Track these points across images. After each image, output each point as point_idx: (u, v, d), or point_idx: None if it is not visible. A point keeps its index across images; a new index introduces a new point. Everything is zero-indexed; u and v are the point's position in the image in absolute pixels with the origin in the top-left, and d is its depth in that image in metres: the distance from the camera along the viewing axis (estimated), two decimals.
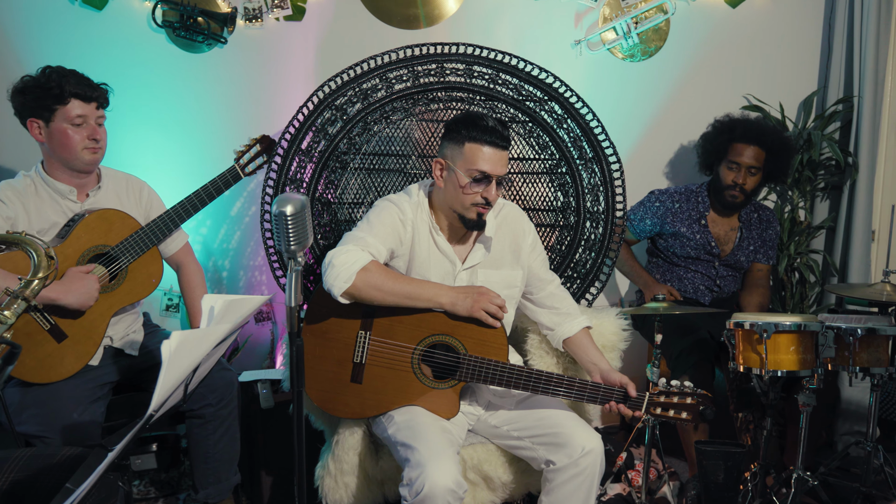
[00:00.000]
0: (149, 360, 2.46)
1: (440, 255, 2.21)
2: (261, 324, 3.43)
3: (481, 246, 2.24)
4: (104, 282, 2.32)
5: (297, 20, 3.29)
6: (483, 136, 2.09)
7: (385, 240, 2.13)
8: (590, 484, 2.00)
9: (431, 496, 1.81)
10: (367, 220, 2.17)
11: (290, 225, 1.42)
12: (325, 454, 2.27)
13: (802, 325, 2.34)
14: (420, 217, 2.21)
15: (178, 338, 1.14)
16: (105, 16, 3.17)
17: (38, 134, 2.32)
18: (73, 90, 2.28)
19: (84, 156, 2.33)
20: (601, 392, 2.11)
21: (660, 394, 2.11)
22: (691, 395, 2.11)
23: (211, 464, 2.45)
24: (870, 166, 3.47)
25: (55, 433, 2.10)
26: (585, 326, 2.31)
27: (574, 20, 3.47)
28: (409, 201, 2.22)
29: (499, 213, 2.30)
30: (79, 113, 2.29)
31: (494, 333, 2.12)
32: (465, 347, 2.12)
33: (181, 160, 3.25)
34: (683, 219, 3.17)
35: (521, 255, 2.30)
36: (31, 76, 2.31)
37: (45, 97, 2.27)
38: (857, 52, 3.46)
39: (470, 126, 2.11)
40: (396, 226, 2.17)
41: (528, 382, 2.09)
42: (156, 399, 1.18)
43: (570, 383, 2.09)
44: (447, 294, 2.08)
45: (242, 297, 1.42)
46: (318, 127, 2.70)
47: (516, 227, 2.31)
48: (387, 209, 2.19)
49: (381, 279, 2.03)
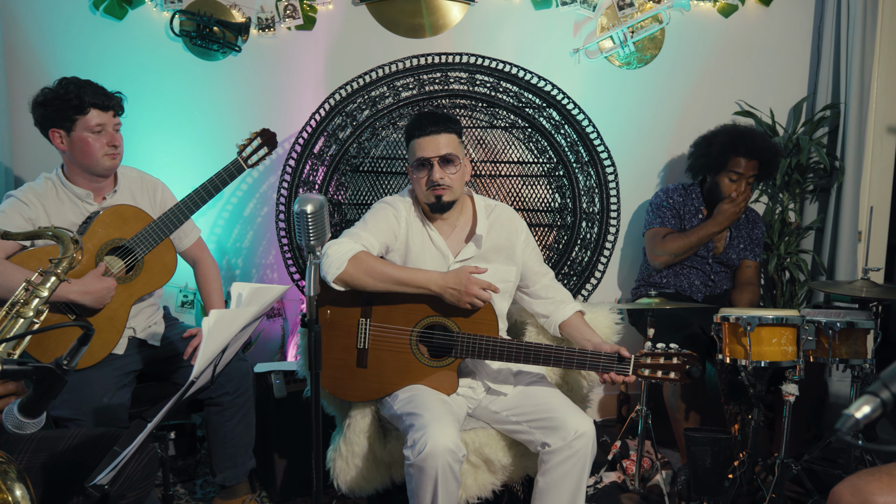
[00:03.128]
0: (170, 351, 2.60)
1: (434, 249, 2.38)
2: (272, 320, 3.57)
3: (472, 244, 2.39)
4: (121, 273, 2.47)
5: (307, 29, 3.42)
6: (415, 131, 2.32)
7: (378, 235, 2.31)
8: (583, 465, 2.14)
9: (433, 454, 1.96)
10: (363, 219, 2.37)
11: (310, 222, 1.57)
12: (336, 438, 2.42)
13: (784, 318, 2.48)
14: (413, 214, 2.40)
15: (215, 315, 1.30)
16: (125, 25, 3.31)
17: (60, 143, 2.45)
18: (92, 100, 2.41)
19: (104, 161, 2.46)
20: (588, 358, 2.23)
21: (646, 356, 2.23)
22: (676, 356, 2.22)
23: (228, 449, 2.60)
24: (856, 170, 3.60)
25: (87, 416, 2.25)
26: (578, 310, 2.45)
27: (573, 29, 3.59)
28: (402, 201, 2.41)
29: (490, 213, 2.45)
30: (98, 122, 2.43)
31: (485, 311, 2.27)
32: (459, 326, 2.28)
33: (197, 162, 3.37)
34: (684, 213, 3.31)
35: (516, 253, 2.44)
36: (51, 88, 2.43)
37: (66, 108, 2.39)
38: (844, 60, 3.58)
39: (409, 128, 2.37)
40: (391, 222, 2.35)
41: (520, 354, 2.24)
42: (196, 368, 1.34)
43: (558, 351, 2.23)
44: (436, 282, 2.22)
45: (266, 286, 1.58)
46: (329, 132, 2.85)
47: (509, 227, 2.45)
48: (382, 209, 2.39)
49: (371, 266, 2.21)
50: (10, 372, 1.13)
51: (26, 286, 1.65)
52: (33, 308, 1.62)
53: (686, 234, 3.22)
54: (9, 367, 1.13)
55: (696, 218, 3.30)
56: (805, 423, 3.19)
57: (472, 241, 2.39)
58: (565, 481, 2.14)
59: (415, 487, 2.05)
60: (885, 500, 1.47)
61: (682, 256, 3.24)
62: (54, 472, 1.69)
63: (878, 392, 0.89)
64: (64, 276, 1.71)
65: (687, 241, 3.19)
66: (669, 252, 3.20)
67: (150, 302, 2.64)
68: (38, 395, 1.22)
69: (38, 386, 1.21)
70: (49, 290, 1.65)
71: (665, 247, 3.20)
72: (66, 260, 1.72)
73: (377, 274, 2.21)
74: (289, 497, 2.84)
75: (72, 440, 1.75)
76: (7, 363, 1.14)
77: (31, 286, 1.65)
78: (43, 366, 1.16)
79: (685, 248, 3.21)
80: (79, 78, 2.46)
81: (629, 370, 2.22)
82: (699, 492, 2.61)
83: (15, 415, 1.25)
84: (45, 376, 1.18)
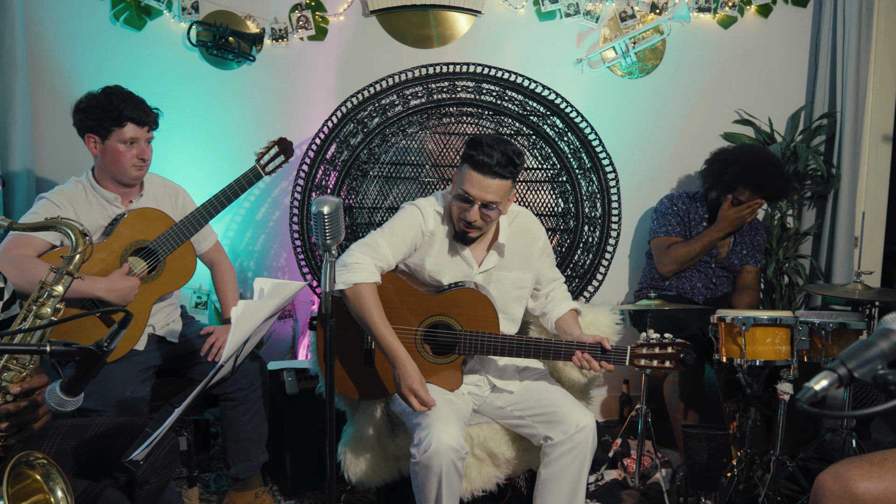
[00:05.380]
0: (188, 347, 2.71)
1: (459, 259, 2.42)
2: (283, 321, 3.66)
3: (495, 252, 2.45)
4: (143, 273, 2.58)
5: (319, 40, 3.53)
6: (476, 162, 2.20)
7: (397, 250, 2.34)
8: (583, 457, 2.23)
9: (437, 452, 2.06)
10: (391, 227, 2.37)
11: (326, 222, 1.68)
12: (346, 432, 2.52)
13: (778, 319, 2.58)
14: (442, 224, 2.40)
15: (243, 304, 1.42)
16: (144, 36, 3.42)
17: (94, 148, 2.55)
18: (130, 115, 2.51)
19: (131, 172, 2.57)
20: (586, 350, 2.28)
21: (641, 346, 2.31)
22: (671, 345, 2.29)
23: (242, 443, 2.70)
24: (852, 177, 3.69)
25: (110, 408, 2.35)
26: (573, 309, 2.53)
27: (576, 40, 3.69)
28: (434, 208, 2.40)
29: (513, 220, 2.49)
30: (132, 136, 2.53)
31: (485, 309, 2.36)
32: (461, 324, 2.37)
33: (212, 167, 3.48)
34: (689, 221, 3.40)
35: (532, 259, 2.51)
36: (94, 95, 2.53)
37: (105, 118, 2.50)
38: (840, 70, 3.68)
39: (471, 149, 2.23)
40: (416, 233, 2.36)
41: (520, 348, 2.32)
42: (225, 353, 1.45)
43: (557, 345, 2.31)
44: (401, 362, 2.21)
45: (286, 281, 1.69)
46: (341, 139, 2.96)
47: (527, 234, 2.50)
48: (410, 218, 2.37)
49: (362, 305, 2.24)
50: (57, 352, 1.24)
51: (41, 285, 1.71)
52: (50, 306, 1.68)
53: (690, 241, 3.30)
54: (56, 348, 1.24)
55: (701, 226, 3.38)
56: (803, 424, 3.27)
57: (494, 248, 2.43)
58: (567, 473, 2.23)
59: (420, 484, 2.14)
60: (865, 485, 1.56)
61: (688, 264, 3.33)
62: (83, 457, 1.80)
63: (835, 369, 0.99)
64: (77, 273, 1.74)
65: (692, 249, 3.28)
66: (676, 261, 3.29)
67: (170, 301, 2.74)
68: (79, 374, 1.34)
69: (79, 366, 1.32)
70: (64, 286, 1.69)
71: (670, 256, 3.29)
72: (78, 255, 1.75)
73: (362, 315, 2.25)
74: (299, 491, 2.94)
75: (98, 428, 1.86)
76: (55, 344, 1.25)
77: (46, 285, 1.70)
78: (85, 347, 1.27)
79: (690, 255, 3.29)
80: (122, 89, 2.55)
81: (626, 360, 2.30)
82: (696, 487, 2.69)
83: (57, 393, 1.36)
84: (87, 356, 1.29)
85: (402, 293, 2.38)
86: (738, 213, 3.21)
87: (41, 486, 1.37)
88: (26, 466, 1.36)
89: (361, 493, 2.91)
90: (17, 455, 1.34)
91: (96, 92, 2.54)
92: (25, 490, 1.36)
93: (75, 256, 1.75)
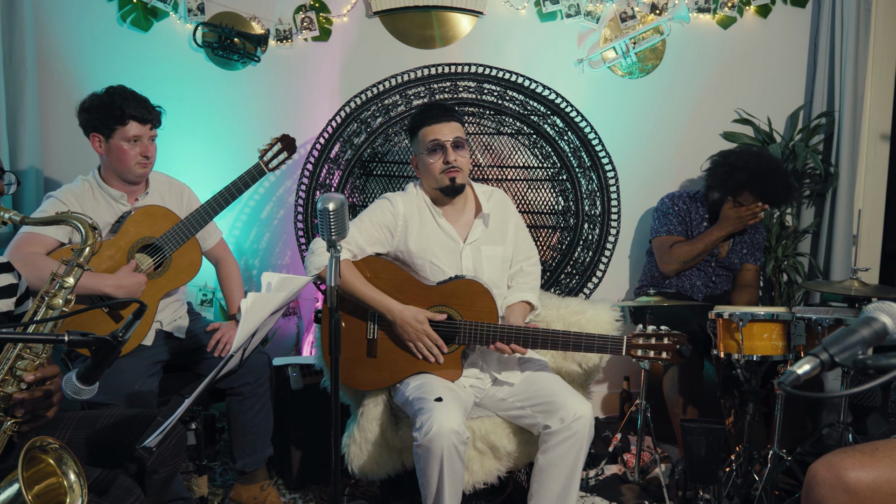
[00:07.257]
0: (194, 343, 2.75)
1: (444, 235, 2.52)
2: (287, 318, 3.70)
3: (480, 222, 2.54)
4: (150, 270, 2.62)
5: (323, 41, 3.58)
6: (427, 120, 2.46)
7: (368, 235, 2.48)
8: (580, 445, 2.27)
9: (438, 435, 2.12)
10: (361, 217, 2.53)
11: (332, 219, 1.73)
12: (350, 425, 2.56)
13: (774, 314, 2.62)
14: (417, 206, 2.53)
15: (252, 297, 1.47)
16: (150, 36, 3.47)
17: (98, 146, 2.60)
18: (133, 113, 2.56)
19: (136, 169, 2.62)
20: (584, 340, 2.35)
21: (637, 336, 2.36)
22: (667, 336, 2.34)
23: (248, 436, 2.74)
24: (850, 175, 3.72)
25: (119, 401, 2.40)
26: (524, 300, 2.57)
27: (577, 40, 3.73)
28: (403, 196, 2.56)
29: (490, 197, 2.62)
30: (135, 133, 2.58)
31: (484, 300, 2.42)
32: (461, 315, 2.42)
33: (217, 166, 3.53)
34: (690, 220, 3.44)
35: (508, 234, 2.61)
36: (98, 95, 2.58)
37: (108, 117, 2.55)
38: (838, 70, 3.72)
39: (417, 119, 2.49)
40: (386, 218, 2.51)
41: (519, 338, 2.37)
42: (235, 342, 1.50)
43: (555, 334, 2.36)
44: (398, 313, 2.39)
45: (292, 276, 1.73)
46: (345, 138, 3.01)
47: (504, 210, 2.63)
48: (379, 207, 2.53)
49: (344, 277, 2.38)
50: (75, 341, 1.28)
51: (52, 277, 1.76)
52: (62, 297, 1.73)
53: (693, 241, 3.33)
54: (74, 337, 1.29)
55: (702, 226, 3.41)
56: (801, 420, 3.30)
57: (480, 218, 2.53)
58: (563, 461, 2.27)
59: (423, 467, 2.19)
60: (856, 474, 1.60)
61: (691, 263, 3.36)
62: (94, 447, 1.85)
63: (818, 354, 1.04)
64: (87, 265, 1.79)
65: (694, 249, 3.31)
66: (678, 260, 3.33)
67: (176, 297, 2.79)
68: (95, 363, 1.38)
69: (95, 355, 1.37)
70: (75, 278, 1.75)
71: (673, 255, 3.32)
72: (88, 248, 1.80)
73: (344, 288, 2.39)
74: (304, 484, 2.98)
75: (109, 419, 1.91)
76: (72, 334, 1.29)
77: (57, 277, 1.75)
78: (101, 337, 1.32)
79: (693, 255, 3.32)
80: (126, 88, 2.60)
81: (622, 350, 2.35)
82: (694, 480, 2.73)
83: (74, 382, 1.41)
84: (103, 346, 1.34)
85: (404, 284, 2.43)
86: (738, 214, 3.24)
87: (54, 469, 1.42)
88: (40, 451, 1.41)
89: (365, 485, 2.96)
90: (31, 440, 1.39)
91: (100, 92, 2.59)
92: (39, 474, 1.41)
93: (85, 249, 1.80)
